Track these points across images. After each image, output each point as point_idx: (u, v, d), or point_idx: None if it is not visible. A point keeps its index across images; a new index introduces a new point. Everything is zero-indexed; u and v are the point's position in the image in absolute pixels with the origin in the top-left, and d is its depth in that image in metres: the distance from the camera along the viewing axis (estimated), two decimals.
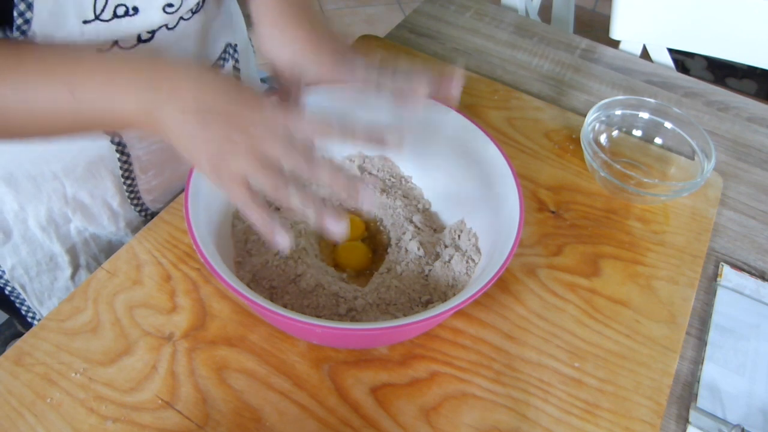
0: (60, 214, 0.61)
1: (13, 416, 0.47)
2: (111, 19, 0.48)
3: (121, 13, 0.48)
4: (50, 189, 0.59)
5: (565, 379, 0.52)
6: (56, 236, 0.62)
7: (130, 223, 0.66)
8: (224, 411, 0.48)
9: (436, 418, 0.49)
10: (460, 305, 0.45)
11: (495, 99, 0.78)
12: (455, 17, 0.94)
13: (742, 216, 0.70)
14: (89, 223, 0.63)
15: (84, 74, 0.43)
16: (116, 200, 0.63)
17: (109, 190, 0.62)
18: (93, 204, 0.62)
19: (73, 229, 0.62)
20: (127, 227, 0.66)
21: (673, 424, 0.52)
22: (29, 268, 0.63)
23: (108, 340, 0.51)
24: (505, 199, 0.53)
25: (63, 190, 0.59)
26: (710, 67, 2.14)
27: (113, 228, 0.64)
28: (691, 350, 0.57)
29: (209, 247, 0.47)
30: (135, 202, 0.64)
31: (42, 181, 0.58)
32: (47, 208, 0.60)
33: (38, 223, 0.60)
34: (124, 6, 0.48)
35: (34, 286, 0.64)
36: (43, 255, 0.63)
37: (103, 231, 0.64)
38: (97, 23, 0.47)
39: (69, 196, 0.60)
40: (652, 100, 0.71)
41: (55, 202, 0.59)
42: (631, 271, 0.61)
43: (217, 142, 0.41)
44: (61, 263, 0.64)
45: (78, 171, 0.59)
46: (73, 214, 0.61)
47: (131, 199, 0.64)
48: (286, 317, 0.43)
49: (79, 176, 0.59)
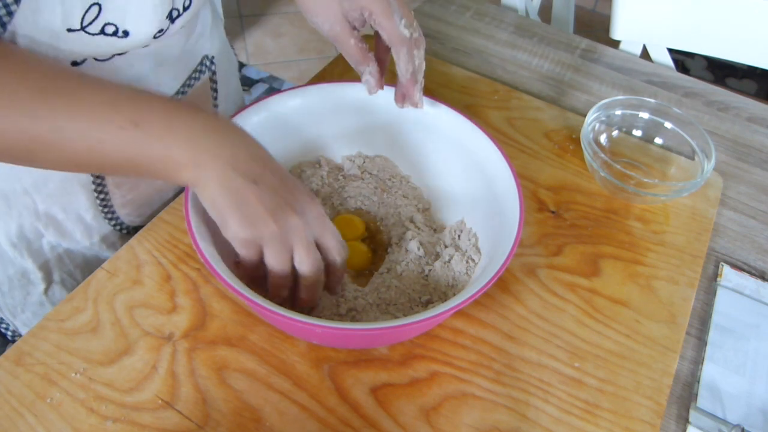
0: (31, 230, 0.59)
1: (13, 416, 0.47)
2: (97, 34, 0.47)
3: (109, 32, 0.47)
4: (21, 205, 0.57)
5: (565, 379, 0.52)
6: (28, 252, 0.60)
7: (104, 237, 0.64)
8: (224, 411, 0.48)
9: (436, 418, 0.49)
10: (460, 305, 0.45)
11: (495, 99, 0.78)
12: (455, 17, 0.94)
13: (742, 216, 0.70)
14: (62, 239, 0.61)
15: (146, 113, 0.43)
16: (89, 214, 0.61)
17: (83, 205, 0.60)
18: (66, 219, 0.60)
19: (45, 244, 0.61)
20: (102, 242, 0.64)
21: (673, 424, 0.52)
22: (1, 283, 0.62)
23: (108, 340, 0.51)
24: (505, 199, 0.53)
25: (34, 206, 0.58)
26: (710, 67, 2.14)
27: (87, 243, 0.63)
28: (691, 350, 0.57)
29: (209, 247, 0.47)
30: (109, 216, 0.63)
31: (12, 197, 0.56)
32: (18, 225, 0.58)
33: (8, 240, 0.59)
34: (114, 26, 0.47)
35: (6, 300, 0.63)
36: (15, 271, 0.61)
37: (77, 246, 0.63)
38: (81, 34, 0.46)
39: (41, 211, 0.58)
40: (652, 100, 0.71)
41: (26, 218, 0.58)
42: (631, 271, 0.61)
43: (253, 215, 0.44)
44: (33, 279, 0.62)
45: (49, 186, 0.57)
46: (45, 229, 0.60)
47: (105, 213, 0.62)
48: (286, 317, 0.43)
49: (50, 192, 0.58)
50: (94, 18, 0.46)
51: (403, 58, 0.52)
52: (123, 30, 0.48)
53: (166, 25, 0.51)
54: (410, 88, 0.54)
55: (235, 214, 0.43)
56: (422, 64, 0.54)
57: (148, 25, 0.49)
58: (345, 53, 0.54)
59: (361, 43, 0.53)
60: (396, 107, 0.58)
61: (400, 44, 0.52)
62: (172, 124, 0.43)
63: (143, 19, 0.48)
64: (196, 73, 0.63)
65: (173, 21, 0.52)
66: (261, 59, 2.15)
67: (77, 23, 0.45)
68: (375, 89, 0.55)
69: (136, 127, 0.42)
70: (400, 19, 0.51)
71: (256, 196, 0.44)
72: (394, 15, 0.50)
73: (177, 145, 0.43)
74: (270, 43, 2.23)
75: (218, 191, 0.43)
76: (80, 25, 0.46)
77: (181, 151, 0.43)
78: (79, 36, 0.46)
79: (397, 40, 0.51)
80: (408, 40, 0.52)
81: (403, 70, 0.53)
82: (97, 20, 0.46)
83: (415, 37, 0.52)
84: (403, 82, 0.54)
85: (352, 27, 0.53)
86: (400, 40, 0.51)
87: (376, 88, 0.55)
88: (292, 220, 0.45)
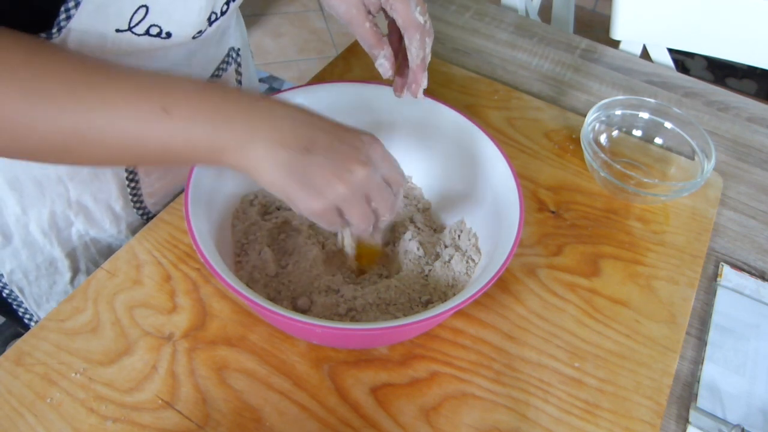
0: (62, 218, 0.60)
1: (13, 416, 0.47)
2: (143, 35, 0.48)
3: (153, 33, 0.48)
4: (54, 193, 0.58)
5: (565, 379, 0.52)
6: (57, 241, 0.61)
7: (131, 225, 0.65)
8: (224, 411, 0.48)
9: (436, 418, 0.49)
10: (460, 305, 0.45)
11: (495, 99, 0.78)
12: (455, 17, 0.94)
13: (742, 216, 0.70)
14: (91, 227, 0.62)
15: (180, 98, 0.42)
16: (119, 203, 0.62)
17: (113, 193, 0.61)
18: (96, 208, 0.61)
19: (74, 232, 0.62)
20: (128, 230, 0.65)
21: (673, 424, 0.52)
22: (28, 272, 0.63)
23: (108, 340, 0.51)
24: (505, 199, 0.53)
25: (67, 193, 0.59)
26: (710, 67, 2.14)
27: (114, 231, 0.64)
28: (691, 350, 0.57)
29: (209, 247, 0.47)
30: (138, 204, 0.64)
31: (47, 185, 0.57)
32: (50, 212, 0.59)
33: (40, 228, 0.60)
34: (158, 28, 0.48)
35: (32, 289, 0.64)
36: (43, 259, 0.62)
37: (104, 234, 0.64)
38: (128, 34, 0.47)
39: (72, 199, 0.59)
40: (652, 100, 0.71)
41: (58, 205, 0.59)
42: (631, 271, 0.61)
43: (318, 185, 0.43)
44: (60, 268, 0.63)
45: (83, 174, 0.58)
46: (75, 217, 0.61)
47: (134, 201, 0.63)
48: (286, 317, 0.43)
49: (83, 179, 0.59)
50: (141, 19, 0.46)
51: (416, 44, 0.52)
52: (166, 31, 0.49)
53: (205, 27, 0.52)
54: (418, 73, 0.54)
55: (300, 191, 0.43)
56: (429, 56, 0.54)
57: (190, 28, 0.50)
58: (359, 36, 0.54)
59: (375, 27, 0.54)
60: (396, 107, 0.58)
61: (414, 30, 0.52)
62: (207, 108, 0.42)
63: (186, 21, 0.49)
64: (224, 64, 0.64)
65: (211, 24, 0.53)
66: (261, 59, 2.15)
67: (125, 24, 0.46)
68: (390, 72, 0.55)
69: (171, 114, 0.41)
70: (416, 6, 0.51)
71: (313, 165, 0.43)
72: (410, 1, 0.51)
73: (217, 130, 0.42)
74: (270, 43, 2.23)
75: (273, 172, 0.42)
76: (128, 26, 0.46)
77: (223, 135, 0.42)
78: (125, 36, 0.47)
79: (412, 25, 0.52)
80: (422, 26, 0.52)
81: (414, 56, 0.53)
82: (144, 21, 0.47)
83: (428, 27, 0.53)
84: (413, 67, 0.54)
85: (367, 11, 0.53)
86: (415, 26, 0.52)
87: (391, 71, 0.55)
88: (359, 172, 0.44)
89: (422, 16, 0.52)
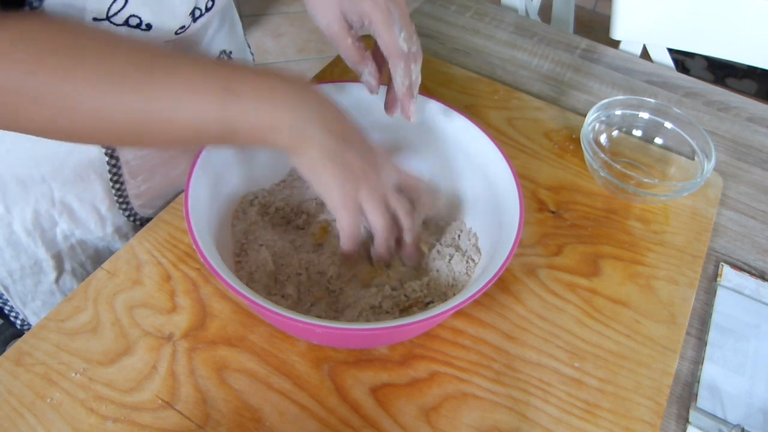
0: (46, 217, 0.60)
1: (13, 416, 0.47)
2: (122, 24, 0.48)
3: (133, 23, 0.48)
4: (38, 192, 0.58)
5: (565, 379, 0.52)
6: (42, 241, 0.61)
7: (118, 228, 0.65)
8: (224, 411, 0.48)
9: (436, 418, 0.49)
10: (460, 305, 0.45)
11: (495, 99, 0.78)
12: (455, 17, 0.94)
13: (742, 216, 0.70)
14: (76, 227, 0.62)
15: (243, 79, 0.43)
16: (104, 204, 0.62)
17: (98, 195, 0.61)
18: (81, 208, 0.61)
19: (59, 233, 0.62)
20: (115, 233, 0.65)
21: (673, 424, 0.52)
22: (13, 271, 0.62)
23: (108, 340, 0.51)
24: (505, 199, 0.53)
25: (51, 193, 0.58)
26: (710, 67, 2.14)
27: (100, 233, 0.64)
28: (691, 350, 0.57)
29: (209, 247, 0.47)
30: (123, 207, 0.63)
31: (30, 184, 0.57)
32: (33, 211, 0.59)
33: (24, 227, 0.59)
34: (137, 18, 0.48)
35: (17, 288, 0.64)
36: (27, 259, 0.62)
37: (90, 236, 0.64)
38: (107, 24, 0.47)
39: (56, 199, 0.59)
40: (652, 100, 0.71)
41: (42, 205, 0.59)
42: (631, 271, 0.61)
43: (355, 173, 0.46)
44: (45, 267, 0.63)
45: (66, 174, 0.58)
46: (60, 216, 0.60)
47: (120, 203, 0.63)
48: (286, 317, 0.43)
49: (67, 179, 0.58)
50: (120, 9, 0.47)
51: (400, 72, 0.52)
52: (146, 23, 0.49)
53: (188, 22, 0.52)
54: (405, 101, 0.54)
55: (337, 175, 0.45)
56: (418, 79, 0.53)
57: (171, 21, 0.50)
58: (342, 52, 0.54)
59: (358, 42, 0.53)
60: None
61: (398, 58, 0.51)
62: (266, 89, 0.44)
63: (165, 13, 0.49)
64: None
65: (195, 20, 0.53)
66: (261, 59, 2.15)
67: (103, 13, 0.46)
68: (376, 89, 0.55)
69: (234, 94, 0.43)
70: (400, 31, 0.50)
71: (350, 155, 0.46)
72: (394, 27, 0.50)
73: (277, 110, 0.44)
74: (270, 43, 2.23)
75: (318, 154, 0.45)
76: (106, 15, 0.46)
77: (283, 115, 0.44)
78: (103, 27, 0.47)
79: (395, 53, 0.51)
80: (406, 54, 0.51)
81: (399, 84, 0.52)
82: (123, 11, 0.47)
83: (413, 51, 0.52)
84: (398, 96, 0.53)
85: (350, 27, 0.53)
86: (398, 54, 0.51)
87: (377, 89, 0.55)
88: (375, 174, 0.47)
89: (406, 43, 0.51)
